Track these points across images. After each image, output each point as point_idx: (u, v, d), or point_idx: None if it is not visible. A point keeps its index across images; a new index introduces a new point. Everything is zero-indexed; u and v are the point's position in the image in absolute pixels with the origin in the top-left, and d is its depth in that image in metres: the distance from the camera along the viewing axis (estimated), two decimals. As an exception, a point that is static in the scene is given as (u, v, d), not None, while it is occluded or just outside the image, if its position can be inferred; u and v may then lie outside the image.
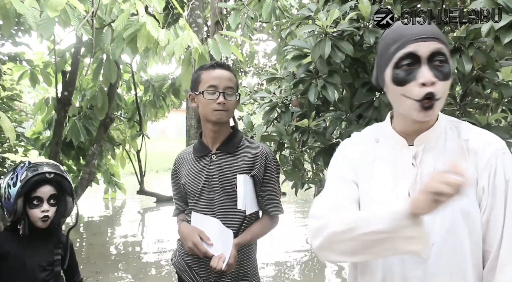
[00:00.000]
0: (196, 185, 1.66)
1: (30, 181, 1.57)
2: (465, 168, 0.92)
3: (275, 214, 1.70)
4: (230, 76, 1.64)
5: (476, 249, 0.97)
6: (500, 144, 0.98)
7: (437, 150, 1.01)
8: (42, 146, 6.81)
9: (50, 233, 1.66)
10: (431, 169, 1.00)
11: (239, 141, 1.67)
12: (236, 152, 1.65)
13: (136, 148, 8.28)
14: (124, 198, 9.54)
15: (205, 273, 1.64)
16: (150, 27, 3.14)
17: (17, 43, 5.00)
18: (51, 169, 1.61)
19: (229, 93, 1.61)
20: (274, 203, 1.68)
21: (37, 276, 1.61)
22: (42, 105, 6.77)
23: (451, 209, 0.94)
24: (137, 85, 7.60)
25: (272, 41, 8.12)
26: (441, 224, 0.97)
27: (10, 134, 3.10)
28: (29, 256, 1.62)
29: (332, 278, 4.63)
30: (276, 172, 1.68)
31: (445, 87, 0.95)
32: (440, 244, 0.97)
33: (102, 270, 4.65)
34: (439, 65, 0.94)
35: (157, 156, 13.94)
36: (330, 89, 1.86)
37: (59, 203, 1.65)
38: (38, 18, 2.92)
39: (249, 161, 1.63)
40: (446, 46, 0.95)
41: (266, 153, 1.65)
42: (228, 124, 1.68)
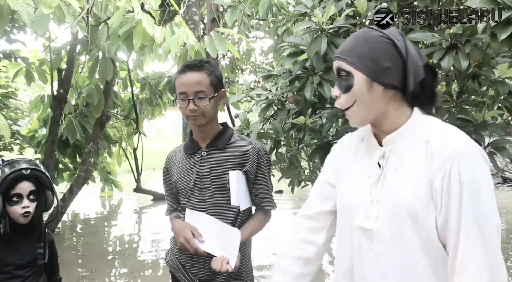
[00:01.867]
0: (187, 182, 1.65)
1: (8, 179, 1.56)
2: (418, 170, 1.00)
3: (269, 209, 1.70)
4: (200, 78, 1.55)
5: (431, 249, 0.99)
6: (460, 145, 0.98)
7: (402, 151, 1.05)
8: (38, 144, 6.78)
9: (32, 229, 1.65)
10: (393, 169, 1.04)
11: (229, 137, 1.65)
12: (226, 148, 1.63)
13: (132, 146, 8.27)
14: (120, 196, 9.51)
15: (198, 271, 1.63)
16: (146, 24, 3.13)
17: (12, 40, 4.98)
18: (27, 165, 1.60)
19: (200, 97, 1.54)
20: (268, 198, 1.68)
21: (17, 272, 1.61)
22: (37, 102, 6.74)
23: (397, 209, 1.00)
24: (133, 82, 7.58)
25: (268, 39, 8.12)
26: (390, 223, 1.02)
27: (5, 132, 3.08)
28: (11, 253, 1.62)
29: (332, 274, 4.64)
30: (268, 167, 1.67)
31: (348, 98, 1.05)
32: (389, 241, 1.02)
33: (98, 269, 4.63)
34: (343, 79, 1.07)
35: (153, 154, 13.91)
36: (326, 86, 1.86)
37: (39, 198, 1.64)
38: (32, 15, 2.90)
39: (240, 157, 1.61)
40: (349, 62, 1.04)
41: (257, 149, 1.63)
42: (213, 122, 1.64)
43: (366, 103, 1.04)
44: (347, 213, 1.12)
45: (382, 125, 1.08)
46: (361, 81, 1.04)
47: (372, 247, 1.05)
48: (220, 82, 1.61)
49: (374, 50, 1.03)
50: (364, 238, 1.06)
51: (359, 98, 1.04)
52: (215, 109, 1.61)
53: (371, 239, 1.05)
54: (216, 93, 1.58)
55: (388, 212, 1.02)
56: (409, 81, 1.03)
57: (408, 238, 1.00)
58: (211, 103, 1.57)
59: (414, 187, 1.00)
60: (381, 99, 1.05)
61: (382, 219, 1.03)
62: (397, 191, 1.02)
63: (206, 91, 1.55)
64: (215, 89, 1.58)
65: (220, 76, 1.62)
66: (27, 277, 1.63)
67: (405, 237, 1.00)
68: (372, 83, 1.03)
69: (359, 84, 1.04)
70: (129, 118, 7.89)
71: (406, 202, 0.99)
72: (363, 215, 1.06)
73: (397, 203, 1.01)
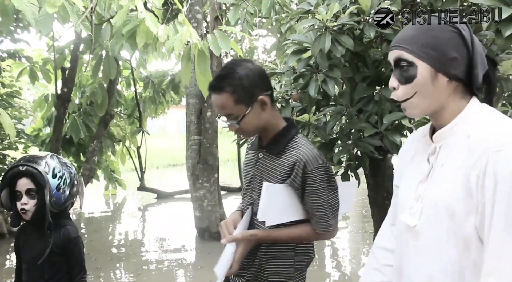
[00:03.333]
0: (246, 178, 1.57)
1: (7, 175, 1.63)
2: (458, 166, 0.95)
3: (318, 230, 1.46)
4: (223, 101, 1.39)
5: (469, 251, 0.94)
6: (499, 141, 0.90)
7: (450, 146, 1.00)
8: (42, 143, 6.82)
9: (42, 225, 1.66)
10: (440, 166, 1.00)
11: (286, 142, 1.44)
12: (281, 154, 1.43)
13: (136, 144, 8.30)
14: (124, 194, 9.54)
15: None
16: (149, 23, 3.13)
17: (16, 39, 5.00)
18: (24, 162, 1.64)
19: (231, 119, 1.41)
20: (317, 218, 1.44)
21: (35, 266, 1.67)
22: (41, 101, 6.77)
23: (436, 207, 0.97)
24: (136, 81, 7.60)
25: (271, 37, 8.10)
26: (431, 221, 0.99)
27: (11, 131, 3.10)
28: (30, 247, 1.70)
29: (333, 272, 4.65)
30: (323, 183, 1.41)
31: (408, 89, 1.00)
32: (430, 239, 0.99)
33: (102, 267, 4.65)
34: (403, 70, 1.00)
35: (157, 153, 13.94)
36: (331, 84, 1.86)
37: (41, 195, 1.64)
38: (36, 14, 2.91)
39: (288, 168, 1.41)
40: (411, 51, 0.98)
41: (305, 161, 1.39)
42: (267, 127, 1.46)
43: (428, 95, 0.99)
44: (399, 209, 1.10)
45: (439, 118, 1.02)
46: (425, 71, 0.98)
47: (416, 244, 1.02)
48: (249, 92, 1.38)
49: (439, 39, 0.98)
50: (409, 235, 1.03)
51: (420, 90, 0.99)
52: (259, 119, 1.42)
53: (415, 236, 1.02)
54: (249, 106, 1.38)
55: (429, 210, 0.99)
56: (475, 73, 0.97)
57: (446, 238, 0.96)
58: (248, 119, 1.40)
59: (452, 185, 0.95)
60: (444, 91, 0.99)
61: (424, 217, 1.00)
62: (438, 189, 0.98)
63: (234, 112, 1.39)
64: (246, 103, 1.38)
65: (250, 85, 1.38)
66: (44, 272, 1.67)
67: (443, 237, 0.97)
68: (437, 74, 0.98)
69: (422, 75, 0.98)
70: (133, 116, 7.92)
71: (444, 200, 0.96)
72: (408, 212, 1.04)
73: (437, 201, 0.98)
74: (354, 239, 6.05)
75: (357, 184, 2.23)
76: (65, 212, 1.76)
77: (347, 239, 6.10)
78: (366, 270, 1.27)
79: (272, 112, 1.45)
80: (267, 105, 1.41)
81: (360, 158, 2.26)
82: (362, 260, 5.08)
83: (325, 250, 5.62)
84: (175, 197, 9.28)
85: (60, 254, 1.67)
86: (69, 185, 1.71)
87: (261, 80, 1.42)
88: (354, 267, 4.83)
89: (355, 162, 2.29)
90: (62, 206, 1.70)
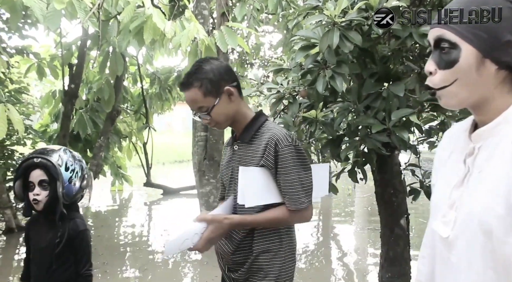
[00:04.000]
0: (226, 176, 1.64)
1: (21, 166, 1.68)
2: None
3: (290, 207, 1.51)
4: (193, 95, 1.49)
5: (505, 275, 0.79)
6: None
7: (491, 149, 0.84)
8: (50, 139, 6.87)
9: (52, 216, 1.71)
10: (478, 172, 0.85)
11: (258, 128, 1.53)
12: (253, 140, 1.53)
13: (142, 140, 8.33)
14: (131, 190, 9.60)
15: (221, 261, 1.65)
16: (157, 19, 3.14)
17: (24, 36, 5.03)
18: (38, 154, 1.69)
19: (203, 111, 1.51)
20: (289, 195, 1.49)
21: (44, 256, 1.71)
22: (49, 98, 6.81)
23: (470, 220, 0.83)
24: (143, 77, 7.62)
25: (278, 33, 8.08)
26: (463, 235, 0.85)
27: (19, 127, 3.13)
28: (40, 237, 1.74)
29: (338, 268, 4.65)
30: (293, 160, 1.48)
31: (448, 75, 0.86)
32: (463, 255, 0.85)
33: (109, 262, 4.68)
34: (443, 52, 0.86)
35: (163, 149, 13.99)
36: (339, 80, 1.85)
37: (53, 187, 1.68)
38: (45, 11, 2.93)
39: (261, 150, 1.49)
40: (457, 31, 0.85)
41: (276, 139, 1.47)
42: (238, 118, 1.56)
43: (470, 83, 0.85)
44: (432, 212, 0.96)
45: (481, 113, 0.87)
46: (470, 56, 0.83)
47: (449, 257, 0.88)
48: (216, 85, 1.49)
49: None
50: (442, 245, 0.90)
51: (462, 77, 0.85)
52: (228, 109, 1.52)
53: (448, 248, 0.88)
54: (217, 97, 1.49)
55: (463, 221, 0.84)
56: None
57: (481, 257, 0.81)
58: (217, 110, 1.50)
59: (491, 199, 0.79)
60: (490, 81, 0.84)
61: (458, 229, 0.86)
62: (474, 200, 0.83)
63: (204, 105, 1.50)
64: (214, 94, 1.49)
65: (215, 78, 1.50)
66: (52, 262, 1.70)
67: (478, 255, 0.82)
68: (484, 60, 0.82)
69: (466, 59, 0.83)
70: (139, 113, 7.95)
71: (480, 216, 0.80)
72: (441, 220, 0.90)
73: (470, 213, 0.83)
74: (360, 236, 6.04)
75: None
76: (75, 204, 1.80)
77: (352, 236, 6.10)
78: None
79: (240, 103, 1.56)
80: (234, 95, 1.52)
81: (367, 155, 2.25)
82: (367, 257, 5.08)
83: (330, 246, 5.63)
84: (181, 193, 9.32)
85: (67, 246, 1.70)
86: (80, 179, 1.76)
87: (226, 73, 1.54)
88: (360, 264, 4.83)
89: (362, 158, 2.28)
90: (73, 199, 1.75)
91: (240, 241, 1.55)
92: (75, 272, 1.74)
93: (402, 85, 1.88)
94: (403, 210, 2.64)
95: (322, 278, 4.34)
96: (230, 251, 1.57)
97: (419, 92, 2.02)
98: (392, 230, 2.61)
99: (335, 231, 6.27)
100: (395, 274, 2.59)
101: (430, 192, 2.59)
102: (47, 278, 1.72)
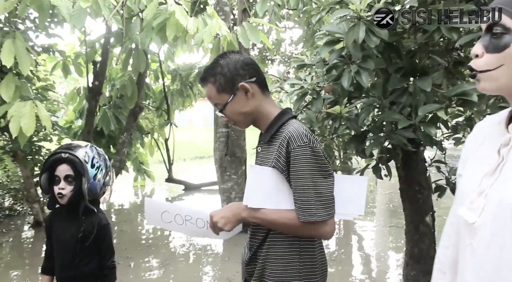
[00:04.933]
0: None
1: (49, 160, 1.73)
2: None
3: (299, 218, 1.32)
4: (209, 91, 1.42)
5: None
6: None
7: None
8: (75, 135, 7.02)
9: (76, 210, 1.76)
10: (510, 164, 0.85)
11: (278, 128, 1.38)
12: (272, 141, 1.39)
13: (164, 136, 8.42)
14: (153, 186, 9.73)
15: (242, 271, 1.57)
16: (179, 16, 3.17)
17: (50, 34, 5.14)
18: (66, 149, 1.73)
19: (220, 109, 1.42)
20: (299, 203, 1.31)
21: (67, 249, 1.76)
22: (74, 95, 6.96)
23: (501, 207, 0.84)
24: (164, 74, 7.69)
25: (298, 29, 8.03)
26: (492, 222, 0.86)
27: (47, 123, 3.21)
28: (65, 230, 1.78)
29: (359, 265, 4.61)
30: (308, 163, 1.30)
31: (495, 59, 0.86)
32: (488, 242, 0.86)
33: (132, 256, 4.76)
34: (495, 37, 0.87)
35: (184, 145, 14.12)
36: (364, 75, 1.83)
37: (78, 182, 1.72)
38: (71, 9, 2.99)
39: (275, 150, 1.36)
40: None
41: (289, 138, 1.31)
42: (259, 117, 1.44)
43: (500, 67, 0.85)
44: (457, 200, 0.98)
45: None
46: None
47: (472, 243, 0.89)
48: (230, 81, 1.38)
49: None
50: (466, 231, 0.91)
51: (509, 62, 0.85)
52: (244, 107, 1.40)
53: (472, 234, 0.89)
54: (231, 94, 1.38)
55: (493, 209, 0.85)
56: None
57: (508, 246, 0.83)
58: (232, 108, 1.40)
59: None
60: None
61: (486, 215, 0.87)
62: (507, 187, 0.84)
63: (219, 101, 1.41)
64: (228, 91, 1.39)
65: (230, 73, 1.39)
66: (76, 255, 1.75)
67: (505, 243, 0.83)
68: None
69: None
70: (161, 109, 8.03)
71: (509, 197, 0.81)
72: (468, 207, 0.91)
73: (502, 200, 0.84)
74: (382, 233, 5.97)
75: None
76: (97, 200, 1.84)
77: (374, 233, 6.03)
78: None
79: (262, 100, 1.42)
80: (251, 92, 1.38)
81: (392, 151, 2.22)
82: (388, 254, 5.02)
83: (351, 243, 5.58)
84: (202, 189, 9.40)
85: (90, 239, 1.75)
86: (104, 176, 1.80)
87: (243, 68, 1.40)
88: (382, 261, 4.78)
89: (387, 155, 2.25)
90: (96, 195, 1.79)
91: (254, 251, 1.43)
92: (98, 264, 1.79)
93: (429, 79, 1.85)
94: (429, 207, 2.59)
95: (343, 274, 4.32)
96: (246, 260, 1.47)
97: (446, 87, 1.98)
98: (417, 228, 2.57)
99: (356, 228, 6.22)
100: (420, 272, 2.55)
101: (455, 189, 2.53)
102: (71, 270, 1.77)
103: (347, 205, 1.42)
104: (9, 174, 7.05)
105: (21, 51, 2.85)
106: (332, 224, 1.35)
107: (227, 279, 4.07)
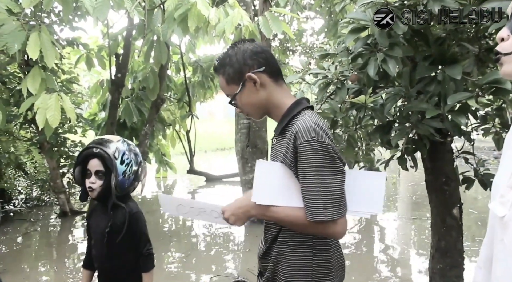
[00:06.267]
0: None
1: (82, 154, 1.77)
2: None
3: (307, 217, 1.25)
4: (220, 82, 1.39)
5: None
6: None
7: None
8: (98, 127, 7.14)
9: (106, 204, 1.79)
10: None
11: (290, 119, 1.32)
12: (283, 133, 1.32)
13: (185, 128, 8.48)
14: (174, 177, 9.84)
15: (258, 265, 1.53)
16: (201, 6, 3.15)
17: (74, 28, 5.21)
18: (97, 144, 1.76)
19: (231, 99, 1.38)
20: (307, 201, 1.24)
21: (101, 242, 1.80)
22: (97, 87, 7.06)
23: None
24: (185, 66, 7.72)
25: (320, 19, 7.91)
26: None
27: (72, 115, 3.26)
28: (99, 223, 1.83)
29: (382, 257, 4.56)
30: (315, 159, 1.21)
31: None
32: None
33: (155, 246, 4.83)
34: None
35: (205, 137, 14.21)
36: (391, 63, 1.77)
37: (108, 177, 1.75)
38: (94, 2, 3.01)
39: (285, 144, 1.30)
40: None
41: (296, 133, 1.24)
42: (272, 108, 1.38)
43: None
44: (492, 194, 0.95)
45: None
46: None
47: (503, 239, 0.86)
48: (238, 71, 1.33)
49: None
50: (498, 226, 0.88)
51: None
52: (253, 98, 1.35)
53: (503, 228, 0.86)
54: (239, 85, 1.34)
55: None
56: None
57: None
58: (240, 99, 1.36)
59: None
60: None
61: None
62: None
63: (229, 92, 1.37)
64: (236, 82, 1.34)
65: (237, 63, 1.34)
66: (111, 247, 1.79)
67: None
68: None
69: None
70: (182, 101, 8.08)
71: None
72: (499, 200, 0.88)
73: None
74: (405, 225, 5.89)
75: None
76: (128, 194, 1.86)
77: (397, 225, 5.95)
78: None
79: (273, 91, 1.36)
80: (259, 83, 1.32)
81: (418, 142, 2.16)
82: (411, 247, 4.94)
83: (373, 235, 5.52)
84: (223, 181, 9.45)
85: (123, 230, 1.77)
86: (134, 172, 1.81)
87: (251, 58, 1.33)
88: (405, 253, 4.71)
89: (412, 145, 2.19)
90: (125, 191, 1.81)
91: (268, 246, 1.39)
92: (135, 252, 1.82)
93: (459, 67, 1.78)
94: (456, 199, 2.52)
95: (365, 266, 4.27)
96: (260, 254, 1.44)
97: (476, 75, 1.91)
98: (443, 220, 2.50)
99: (379, 219, 6.15)
100: (446, 266, 2.49)
101: (484, 181, 2.44)
102: (109, 261, 1.81)
103: (363, 202, 1.34)
104: (36, 166, 7.25)
105: (47, 44, 2.88)
106: (343, 223, 1.27)
107: (248, 270, 4.09)
